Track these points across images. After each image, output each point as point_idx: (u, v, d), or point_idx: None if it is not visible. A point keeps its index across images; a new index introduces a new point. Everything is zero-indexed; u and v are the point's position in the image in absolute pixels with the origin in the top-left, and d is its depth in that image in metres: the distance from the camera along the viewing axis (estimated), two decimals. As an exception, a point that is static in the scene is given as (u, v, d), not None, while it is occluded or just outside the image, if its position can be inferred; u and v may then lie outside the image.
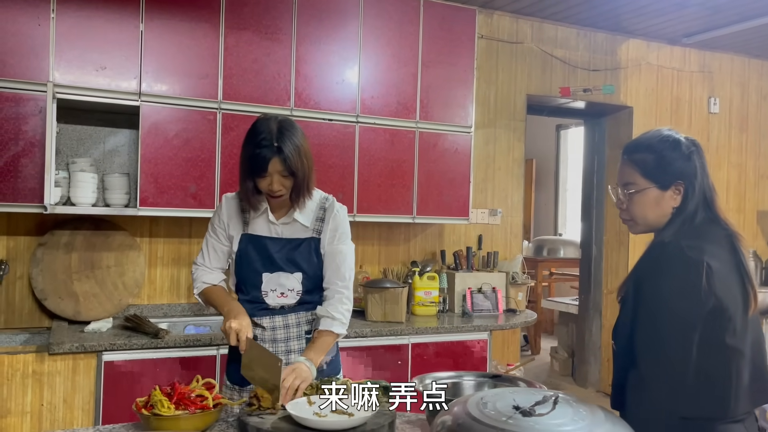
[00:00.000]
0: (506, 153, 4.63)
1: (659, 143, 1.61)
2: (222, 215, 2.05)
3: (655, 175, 1.59)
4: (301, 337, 2.02)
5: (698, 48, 5.33)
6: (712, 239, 1.54)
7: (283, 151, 1.84)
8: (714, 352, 1.48)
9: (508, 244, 4.61)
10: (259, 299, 2.01)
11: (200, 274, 2.08)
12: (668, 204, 1.59)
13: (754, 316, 1.55)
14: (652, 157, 1.59)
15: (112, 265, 3.36)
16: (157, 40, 3.13)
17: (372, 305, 3.55)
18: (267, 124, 1.88)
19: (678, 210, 1.58)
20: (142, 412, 1.57)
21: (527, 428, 1.11)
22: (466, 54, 3.92)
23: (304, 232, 2.02)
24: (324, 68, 3.52)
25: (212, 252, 2.07)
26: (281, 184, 1.89)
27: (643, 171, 1.60)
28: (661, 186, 1.59)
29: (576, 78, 4.88)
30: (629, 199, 1.62)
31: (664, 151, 1.59)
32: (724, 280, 1.49)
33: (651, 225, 1.63)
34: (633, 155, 1.63)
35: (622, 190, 1.64)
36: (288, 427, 1.55)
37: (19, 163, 2.90)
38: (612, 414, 1.20)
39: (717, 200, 1.60)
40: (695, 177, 1.58)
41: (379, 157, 3.66)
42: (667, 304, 1.48)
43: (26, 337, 3.14)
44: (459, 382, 1.74)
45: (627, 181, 1.63)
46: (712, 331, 1.47)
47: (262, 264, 2.00)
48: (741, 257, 1.54)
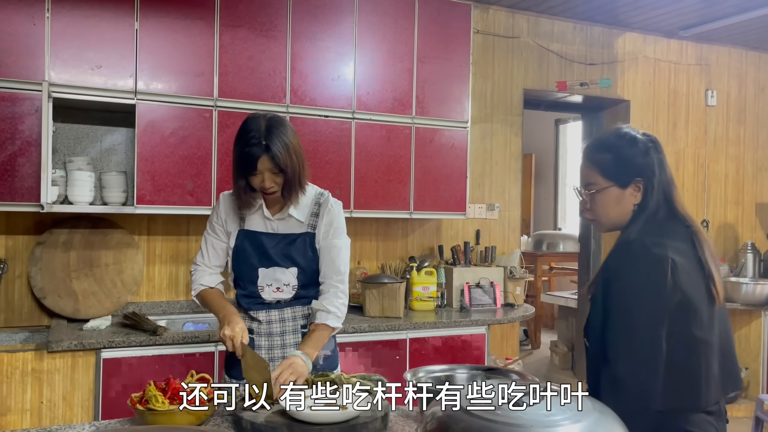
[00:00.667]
0: (503, 148, 4.63)
1: (616, 142, 1.63)
2: (220, 212, 2.08)
3: (614, 174, 1.61)
4: (297, 331, 2.04)
5: (695, 41, 5.33)
6: (674, 235, 1.57)
7: (272, 149, 1.86)
8: (683, 345, 1.51)
9: (506, 238, 4.62)
10: (256, 294, 2.03)
11: (198, 276, 2.09)
12: (629, 201, 1.62)
13: (720, 308, 1.59)
14: (610, 157, 1.61)
15: (110, 263, 3.37)
16: (152, 39, 3.14)
17: (370, 301, 3.56)
18: (256, 123, 1.90)
19: (639, 207, 1.61)
20: (137, 407, 1.58)
21: (515, 418, 1.12)
22: (461, 49, 3.92)
23: (299, 227, 2.04)
24: (319, 64, 3.52)
25: (211, 250, 2.09)
26: (273, 181, 1.91)
27: (602, 171, 1.62)
28: (621, 184, 1.61)
29: (573, 72, 4.88)
30: (592, 199, 1.65)
31: (622, 150, 1.61)
32: (689, 274, 1.52)
33: (614, 223, 1.65)
34: (592, 156, 1.65)
35: (584, 190, 1.66)
36: (282, 421, 1.56)
37: (15, 163, 2.91)
38: (600, 403, 1.21)
39: (676, 195, 1.63)
40: (654, 174, 1.60)
41: (376, 153, 3.67)
42: (634, 301, 1.51)
43: (26, 335, 3.16)
44: (452, 375, 1.75)
45: (588, 181, 1.65)
46: (680, 325, 1.50)
47: (258, 259, 2.02)
48: (702, 251, 1.57)
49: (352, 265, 3.99)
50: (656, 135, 5.33)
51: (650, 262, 1.51)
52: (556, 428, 1.10)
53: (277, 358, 2.03)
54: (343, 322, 2.03)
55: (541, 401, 1.18)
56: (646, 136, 1.64)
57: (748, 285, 4.84)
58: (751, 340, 5.07)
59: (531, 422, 1.10)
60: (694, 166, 5.43)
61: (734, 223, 5.61)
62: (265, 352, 2.04)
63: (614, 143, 1.63)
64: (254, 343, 2.04)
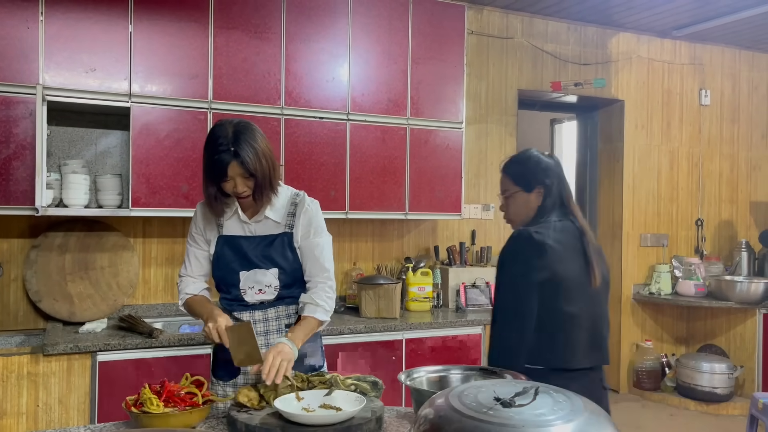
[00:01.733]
0: (498, 148, 4.64)
1: (525, 159, 2.08)
2: (198, 222, 2.09)
3: (521, 182, 2.05)
4: (281, 330, 2.05)
5: (688, 40, 5.35)
6: (562, 230, 1.95)
7: (240, 154, 1.87)
8: (552, 315, 1.87)
9: (501, 238, 4.63)
10: (239, 297, 2.05)
11: (184, 286, 2.11)
12: (534, 204, 2.04)
13: (596, 291, 1.96)
14: (519, 169, 2.07)
15: (105, 266, 3.37)
16: (146, 41, 3.14)
17: (366, 302, 3.57)
18: (223, 129, 1.91)
19: (540, 209, 2.03)
20: (132, 410, 1.58)
21: (507, 419, 1.12)
22: (456, 50, 3.93)
23: (277, 228, 2.06)
24: (314, 66, 3.53)
25: (194, 260, 2.11)
26: (245, 185, 1.93)
27: (513, 179, 2.07)
28: (526, 189, 2.04)
29: (567, 72, 4.90)
30: (506, 202, 2.09)
31: (528, 164, 2.06)
32: (562, 258, 1.91)
33: (523, 221, 2.06)
34: (507, 169, 2.10)
35: (501, 196, 2.12)
36: (277, 423, 1.56)
37: (10, 166, 2.91)
38: (591, 403, 1.22)
39: (572, 202, 2.06)
40: (552, 183, 2.02)
41: (371, 155, 3.67)
42: (509, 276, 1.92)
43: (21, 338, 3.16)
44: (446, 375, 1.76)
45: (503, 188, 2.10)
46: (549, 298, 1.87)
47: (239, 263, 2.03)
48: (587, 244, 1.97)
49: (347, 266, 4.01)
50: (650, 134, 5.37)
51: (526, 244, 1.91)
52: (548, 428, 1.11)
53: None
54: (340, 323, 2.03)
55: (533, 401, 1.19)
56: (549, 157, 2.08)
57: (743, 283, 4.86)
58: (746, 338, 5.09)
59: (523, 422, 1.11)
60: (688, 165, 5.45)
61: (729, 221, 5.63)
62: None
63: (523, 160, 2.07)
64: None
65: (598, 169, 5.48)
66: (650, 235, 5.31)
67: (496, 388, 1.25)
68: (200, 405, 1.63)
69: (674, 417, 4.73)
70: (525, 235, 1.92)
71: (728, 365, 4.84)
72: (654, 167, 5.32)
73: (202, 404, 1.64)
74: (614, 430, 1.17)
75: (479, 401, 1.20)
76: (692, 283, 5.03)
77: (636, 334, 5.29)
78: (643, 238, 5.28)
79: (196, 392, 1.66)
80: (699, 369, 4.83)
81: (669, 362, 5.21)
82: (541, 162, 2.05)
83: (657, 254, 5.35)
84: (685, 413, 4.81)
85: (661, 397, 5.03)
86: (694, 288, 5.02)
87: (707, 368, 4.81)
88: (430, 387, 1.71)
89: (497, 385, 1.28)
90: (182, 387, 1.68)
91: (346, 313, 3.69)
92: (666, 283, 5.13)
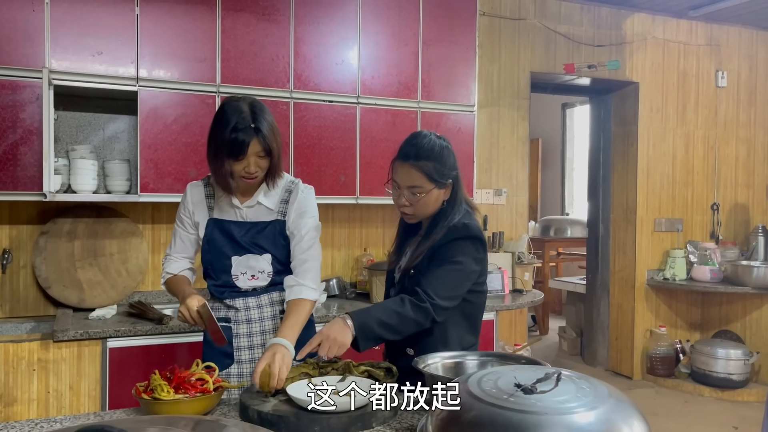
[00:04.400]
0: (510, 132, 4.57)
1: (438, 150, 1.89)
2: (187, 204, 2.05)
3: (436, 179, 1.88)
4: (276, 317, 2.01)
5: (705, 21, 5.23)
6: (473, 217, 1.97)
7: (261, 131, 1.84)
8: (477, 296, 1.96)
9: (513, 224, 4.57)
10: (230, 283, 2.00)
11: (166, 264, 2.09)
12: (442, 198, 1.93)
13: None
14: (432, 165, 1.87)
15: (114, 252, 3.35)
16: (153, 24, 3.09)
17: (377, 287, 3.53)
18: (239, 107, 1.87)
19: (450, 201, 1.94)
20: (142, 396, 1.56)
21: (529, 406, 1.08)
22: (467, 31, 3.85)
23: (269, 214, 2.01)
24: (323, 49, 3.47)
25: (179, 241, 2.08)
26: (257, 165, 1.89)
27: (428, 176, 1.87)
28: (441, 186, 1.90)
29: (580, 54, 4.81)
30: (417, 200, 1.90)
31: (441, 158, 1.89)
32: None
33: (429, 216, 1.95)
34: (417, 162, 1.87)
35: (409, 192, 1.90)
36: (289, 410, 1.53)
37: (18, 151, 2.88)
38: (616, 390, 1.17)
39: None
40: (458, 173, 1.95)
41: (381, 138, 3.62)
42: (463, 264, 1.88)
43: (31, 325, 3.15)
44: (462, 361, 1.71)
45: (414, 184, 1.88)
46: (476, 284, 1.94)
47: (231, 248, 1.99)
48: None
49: (358, 252, 3.97)
50: (666, 117, 5.27)
51: (476, 239, 1.91)
52: (571, 415, 1.07)
53: (256, 345, 2.02)
54: (351, 308, 1.99)
55: (555, 388, 1.14)
56: (445, 140, 1.95)
57: (759, 268, 4.78)
58: (762, 324, 5.02)
59: (545, 409, 1.06)
60: (704, 149, 5.36)
61: (745, 205, 5.54)
62: (244, 339, 2.03)
63: (436, 152, 1.88)
64: (232, 331, 2.02)
65: (612, 153, 5.40)
66: (665, 220, 5.23)
67: (517, 374, 1.20)
68: (211, 391, 1.60)
69: (689, 403, 4.68)
70: (474, 229, 1.93)
71: (744, 351, 4.77)
72: (669, 151, 5.23)
73: (213, 391, 1.61)
74: (640, 417, 1.13)
75: (499, 387, 1.16)
76: (707, 268, 4.96)
77: (650, 320, 5.23)
78: (657, 223, 5.21)
79: (207, 378, 1.63)
80: (714, 355, 4.77)
81: (683, 348, 5.16)
82: (451, 152, 1.96)
83: (671, 239, 5.27)
84: (699, 400, 4.76)
85: (675, 383, 4.98)
86: (710, 273, 4.95)
87: (722, 354, 4.76)
88: (445, 373, 1.66)
89: (517, 371, 1.24)
90: (193, 373, 1.64)
91: (357, 299, 3.66)
92: (680, 268, 5.06)
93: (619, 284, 5.36)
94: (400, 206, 1.94)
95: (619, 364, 5.36)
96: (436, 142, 1.92)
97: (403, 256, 2.04)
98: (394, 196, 1.95)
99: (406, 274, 1.97)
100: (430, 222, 1.97)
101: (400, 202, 1.93)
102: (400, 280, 2.00)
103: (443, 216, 1.93)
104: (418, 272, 1.90)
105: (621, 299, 5.34)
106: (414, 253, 1.96)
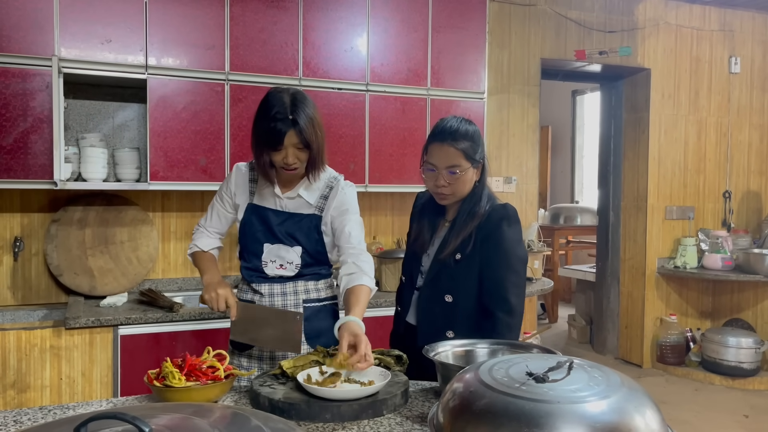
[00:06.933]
0: (520, 119, 4.54)
1: (472, 131, 1.96)
2: (231, 184, 2.08)
3: (473, 158, 1.94)
4: (299, 305, 2.02)
5: (718, 6, 5.16)
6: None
7: (299, 123, 1.84)
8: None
9: (523, 211, 4.55)
10: (259, 268, 2.03)
11: (197, 236, 2.13)
12: (475, 179, 1.98)
13: None
14: (469, 144, 1.93)
15: (125, 240, 3.36)
16: (162, 11, 3.08)
17: (386, 276, 3.53)
18: (280, 97, 1.87)
19: (480, 182, 1.99)
20: (154, 383, 1.56)
21: (541, 394, 1.07)
22: (477, 17, 3.82)
23: (308, 208, 2.02)
24: (332, 36, 3.45)
25: (215, 216, 2.12)
26: (296, 157, 1.89)
27: (465, 155, 1.92)
28: (475, 165, 1.96)
29: (592, 40, 4.75)
30: (455, 179, 1.93)
31: (475, 137, 1.96)
32: None
33: (462, 197, 1.98)
34: (455, 142, 1.92)
35: (447, 172, 1.93)
36: (300, 397, 1.53)
37: (28, 140, 2.89)
38: (629, 378, 1.16)
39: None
40: (485, 154, 2.01)
41: (391, 126, 3.60)
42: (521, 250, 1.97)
43: (43, 312, 3.17)
44: (472, 349, 1.71)
45: (453, 164, 1.92)
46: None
47: (264, 234, 2.01)
48: None
49: (367, 241, 3.97)
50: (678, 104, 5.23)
51: (518, 220, 1.98)
52: (583, 404, 1.06)
53: None
54: None
55: (567, 376, 1.14)
56: (472, 123, 1.99)
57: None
58: (774, 313, 4.99)
59: (557, 398, 1.06)
60: (716, 135, 5.30)
61: (757, 193, 5.49)
62: None
63: (471, 132, 1.95)
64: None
65: (623, 140, 5.35)
66: (676, 208, 5.19)
67: (528, 362, 1.19)
68: (222, 379, 1.61)
69: (699, 392, 4.66)
70: (513, 211, 1.98)
71: (755, 339, 4.75)
72: (681, 138, 5.18)
73: (224, 378, 1.61)
74: (653, 406, 1.12)
75: (511, 376, 1.15)
76: (719, 256, 4.92)
77: (660, 308, 5.21)
78: (668, 210, 5.17)
79: (218, 366, 1.63)
80: (725, 343, 4.75)
81: (694, 337, 5.13)
82: (481, 134, 2.03)
83: (683, 227, 5.23)
84: (710, 388, 4.74)
85: (686, 371, 4.96)
86: (721, 261, 4.91)
87: (733, 342, 4.73)
88: (455, 361, 1.66)
89: (529, 359, 1.23)
90: (204, 361, 1.65)
91: (367, 287, 3.66)
92: (692, 256, 5.03)
93: (630, 272, 5.33)
94: (437, 188, 1.95)
95: (628, 352, 5.35)
96: (468, 124, 1.97)
97: (430, 243, 2.04)
98: (430, 179, 1.96)
99: (449, 259, 1.97)
100: (460, 205, 2.00)
101: (438, 184, 1.94)
102: (435, 267, 2.00)
103: (473, 198, 1.97)
104: (469, 257, 1.94)
105: (631, 287, 5.31)
106: (451, 238, 1.97)
